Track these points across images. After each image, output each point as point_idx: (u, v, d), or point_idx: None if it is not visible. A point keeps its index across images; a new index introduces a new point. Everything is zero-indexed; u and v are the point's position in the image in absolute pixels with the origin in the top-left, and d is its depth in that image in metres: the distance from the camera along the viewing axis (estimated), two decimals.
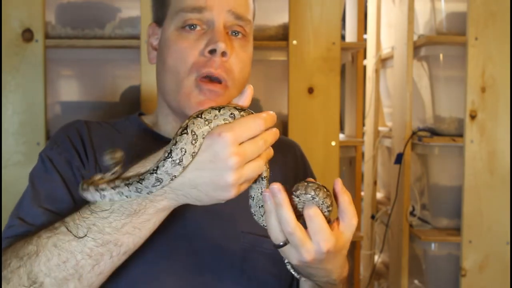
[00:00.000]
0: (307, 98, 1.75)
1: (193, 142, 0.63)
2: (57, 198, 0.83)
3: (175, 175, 0.63)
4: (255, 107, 1.83)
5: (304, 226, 0.67)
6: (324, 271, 0.73)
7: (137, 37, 1.69)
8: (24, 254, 0.67)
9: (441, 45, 1.90)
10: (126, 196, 0.65)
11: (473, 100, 1.80)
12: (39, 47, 1.64)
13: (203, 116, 0.64)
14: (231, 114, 0.66)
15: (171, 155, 0.62)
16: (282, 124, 1.81)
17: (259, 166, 0.67)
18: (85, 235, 0.65)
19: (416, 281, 2.09)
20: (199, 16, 0.86)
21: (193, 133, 0.63)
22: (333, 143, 1.75)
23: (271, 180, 0.71)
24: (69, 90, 1.83)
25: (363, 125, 2.42)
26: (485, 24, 1.79)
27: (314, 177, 1.02)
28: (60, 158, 0.88)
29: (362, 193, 2.46)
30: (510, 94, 1.80)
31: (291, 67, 1.74)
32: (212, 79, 0.85)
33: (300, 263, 0.69)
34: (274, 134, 0.69)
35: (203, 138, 0.64)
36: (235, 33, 0.88)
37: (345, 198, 0.70)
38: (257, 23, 1.79)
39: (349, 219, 0.69)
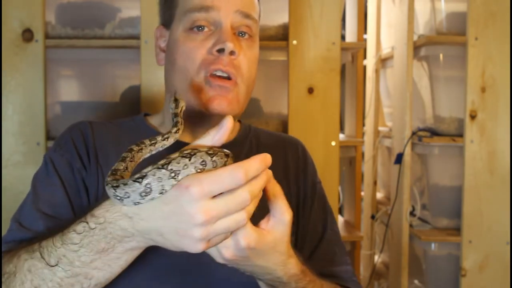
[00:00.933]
0: (307, 98, 1.75)
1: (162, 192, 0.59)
2: (56, 203, 0.84)
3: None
4: (255, 107, 1.83)
5: None
6: (259, 268, 0.69)
7: (137, 37, 1.69)
8: (5, 272, 0.69)
9: (441, 45, 1.90)
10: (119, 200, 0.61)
11: (473, 100, 1.80)
12: (39, 47, 1.64)
13: (169, 168, 0.58)
14: (202, 161, 0.59)
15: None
16: (282, 124, 1.81)
17: (238, 222, 0.59)
18: (56, 265, 0.65)
19: (416, 281, 2.09)
20: (206, 15, 0.87)
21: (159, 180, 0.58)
22: (333, 143, 1.75)
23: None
24: (69, 90, 1.83)
25: (363, 125, 2.42)
26: (485, 24, 1.79)
27: (315, 176, 1.02)
28: (62, 160, 0.88)
29: (362, 193, 2.46)
30: (510, 94, 1.80)
31: (291, 67, 1.74)
32: (222, 76, 0.86)
33: (223, 261, 0.66)
34: (262, 183, 0.60)
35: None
36: (242, 34, 0.90)
37: (275, 190, 0.66)
38: None
39: (280, 214, 0.66)
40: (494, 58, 1.79)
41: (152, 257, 0.81)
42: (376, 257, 2.37)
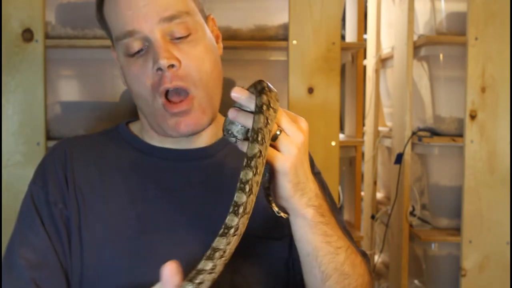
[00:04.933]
0: (307, 98, 1.75)
1: None
2: (39, 247, 0.85)
3: None
4: None
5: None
6: (305, 175, 0.73)
7: None
8: None
9: (441, 45, 1.90)
10: None
11: (473, 100, 1.80)
12: (39, 47, 1.64)
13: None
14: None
15: None
16: None
17: None
18: None
19: (416, 281, 2.09)
20: (133, 38, 0.84)
21: None
22: (333, 143, 1.75)
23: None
24: (69, 90, 1.83)
25: (363, 125, 2.42)
26: (485, 24, 1.79)
27: (313, 167, 1.02)
28: (41, 193, 0.89)
29: (362, 193, 2.46)
30: (510, 94, 1.80)
31: (291, 67, 1.74)
32: (173, 93, 0.84)
33: (293, 156, 0.70)
34: None
35: None
36: (178, 38, 0.85)
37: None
38: (257, 23, 1.79)
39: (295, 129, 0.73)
40: (494, 58, 1.79)
41: (148, 271, 0.82)
42: (376, 257, 2.37)
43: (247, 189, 0.64)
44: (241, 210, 0.63)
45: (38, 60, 1.64)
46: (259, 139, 0.66)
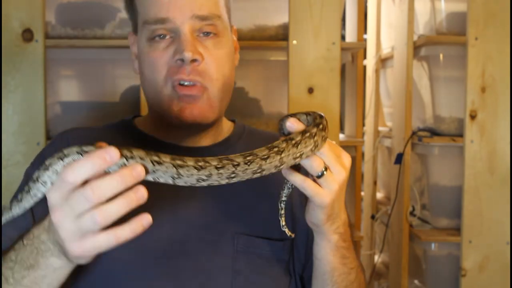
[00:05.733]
0: (307, 98, 1.75)
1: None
2: (19, 227, 0.83)
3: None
4: (255, 107, 1.84)
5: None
6: (338, 207, 0.76)
7: None
8: None
9: (441, 45, 1.90)
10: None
11: (473, 100, 1.80)
12: (39, 47, 1.64)
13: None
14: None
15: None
16: None
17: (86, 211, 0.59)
18: None
19: (416, 281, 2.09)
20: (163, 26, 0.86)
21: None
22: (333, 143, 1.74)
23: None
24: (69, 90, 1.83)
25: (363, 125, 2.42)
26: (485, 24, 1.79)
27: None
28: None
29: (362, 193, 2.46)
30: (510, 94, 1.80)
31: (291, 67, 1.74)
32: (188, 85, 0.85)
33: (334, 192, 0.72)
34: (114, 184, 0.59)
35: None
36: (206, 33, 0.87)
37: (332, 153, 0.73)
38: (257, 23, 1.79)
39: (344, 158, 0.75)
40: (494, 58, 1.79)
41: (150, 263, 0.82)
42: (376, 257, 2.37)
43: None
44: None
45: (38, 60, 1.64)
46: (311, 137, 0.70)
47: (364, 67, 2.42)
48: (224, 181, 0.64)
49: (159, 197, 0.86)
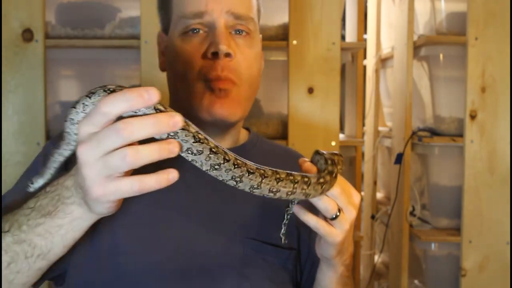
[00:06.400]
0: (307, 98, 1.75)
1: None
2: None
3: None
4: (255, 107, 1.83)
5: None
6: (349, 243, 0.79)
7: (137, 37, 1.69)
8: None
9: (441, 45, 1.90)
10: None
11: (473, 100, 1.80)
12: (39, 47, 1.64)
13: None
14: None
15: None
16: (282, 124, 1.81)
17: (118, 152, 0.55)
18: (8, 230, 0.66)
19: (416, 281, 2.09)
20: (200, 20, 0.87)
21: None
22: (333, 143, 1.75)
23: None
24: (69, 90, 1.83)
25: (363, 125, 2.42)
26: (485, 24, 1.79)
27: None
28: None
29: (362, 193, 2.46)
30: (510, 94, 1.80)
31: (291, 67, 1.74)
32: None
33: (341, 237, 0.74)
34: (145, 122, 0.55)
35: None
36: (239, 32, 0.89)
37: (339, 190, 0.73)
38: None
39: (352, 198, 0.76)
40: (494, 58, 1.79)
41: (153, 261, 0.82)
42: (376, 257, 2.37)
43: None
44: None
45: (38, 60, 1.64)
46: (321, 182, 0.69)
47: (364, 67, 2.42)
48: (247, 187, 0.64)
49: (172, 197, 0.86)
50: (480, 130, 1.81)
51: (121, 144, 0.54)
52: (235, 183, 0.62)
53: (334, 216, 0.73)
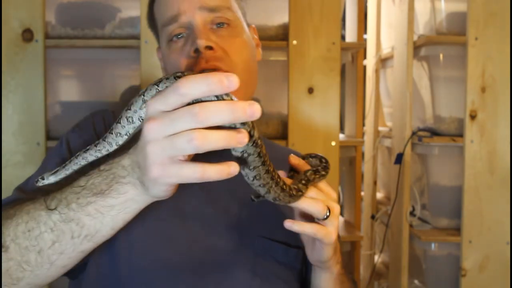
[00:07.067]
0: (307, 98, 1.75)
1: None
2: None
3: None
4: None
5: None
6: (335, 245, 0.80)
7: (137, 37, 1.69)
8: (3, 217, 0.66)
9: (441, 45, 1.90)
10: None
11: (473, 100, 1.80)
12: (39, 47, 1.64)
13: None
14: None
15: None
16: (282, 124, 1.81)
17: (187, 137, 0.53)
18: (55, 208, 0.64)
19: (416, 281, 2.09)
20: (178, 24, 0.88)
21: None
22: (333, 143, 1.75)
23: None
24: (69, 90, 1.83)
25: (363, 125, 2.42)
26: (485, 24, 1.79)
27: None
28: (79, 141, 0.89)
29: (362, 193, 2.46)
30: (510, 94, 1.80)
31: (291, 67, 1.74)
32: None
33: (337, 227, 0.77)
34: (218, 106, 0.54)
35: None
36: (220, 25, 0.89)
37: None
38: (257, 23, 1.79)
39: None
40: (494, 58, 1.79)
41: (167, 255, 0.82)
42: (376, 257, 2.37)
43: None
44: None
45: (38, 60, 1.64)
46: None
47: (364, 67, 2.42)
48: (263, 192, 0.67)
49: (187, 194, 0.86)
50: (480, 130, 1.81)
51: (194, 127, 0.52)
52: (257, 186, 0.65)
53: (325, 217, 0.74)
